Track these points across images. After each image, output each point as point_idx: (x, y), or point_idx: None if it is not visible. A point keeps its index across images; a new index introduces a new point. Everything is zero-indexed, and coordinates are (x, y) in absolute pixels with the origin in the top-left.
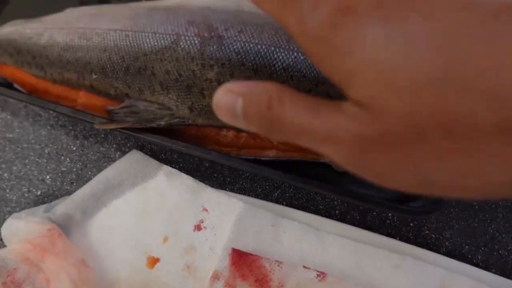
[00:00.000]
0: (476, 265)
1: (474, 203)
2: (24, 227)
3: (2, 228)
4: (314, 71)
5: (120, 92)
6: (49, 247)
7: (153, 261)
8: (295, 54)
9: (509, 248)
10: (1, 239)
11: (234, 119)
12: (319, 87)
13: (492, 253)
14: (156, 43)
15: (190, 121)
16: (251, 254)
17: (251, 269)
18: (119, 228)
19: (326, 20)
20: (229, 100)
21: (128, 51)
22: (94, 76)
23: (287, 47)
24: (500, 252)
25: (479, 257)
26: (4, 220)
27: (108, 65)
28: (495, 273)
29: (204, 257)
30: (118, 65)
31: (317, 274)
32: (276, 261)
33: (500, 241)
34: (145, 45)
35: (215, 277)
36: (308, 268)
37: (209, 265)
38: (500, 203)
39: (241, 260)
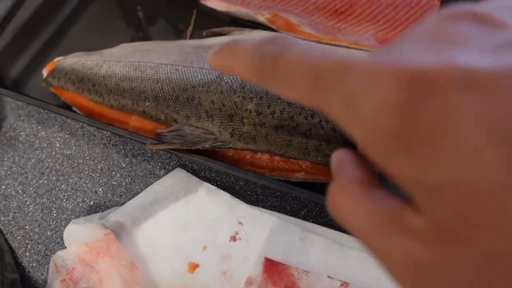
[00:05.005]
0: None
1: None
2: (84, 231)
3: (64, 232)
4: None
5: (169, 118)
6: (105, 250)
7: (193, 267)
8: None
9: None
10: (56, 242)
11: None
12: None
13: None
14: (203, 77)
15: (230, 145)
16: (281, 263)
17: (281, 276)
18: (164, 236)
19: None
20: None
21: (178, 83)
22: (147, 103)
23: None
24: None
25: None
26: (61, 225)
27: (160, 95)
28: None
29: (238, 265)
30: (169, 95)
31: (340, 284)
32: (304, 270)
33: None
34: (193, 78)
35: (249, 282)
36: (333, 278)
37: (243, 272)
38: None
39: (273, 268)
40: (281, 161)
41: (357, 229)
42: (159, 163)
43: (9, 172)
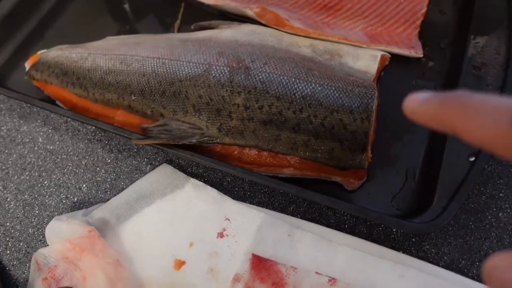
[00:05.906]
0: (472, 278)
1: (470, 223)
2: (67, 228)
3: (46, 229)
4: (330, 100)
5: (156, 112)
6: (89, 247)
7: (180, 264)
8: (313, 85)
9: None
10: (39, 239)
11: None
12: (334, 114)
13: None
14: (190, 71)
15: (218, 140)
16: (269, 260)
17: (269, 273)
18: (150, 233)
19: None
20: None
21: (165, 77)
22: (133, 98)
23: (306, 78)
24: None
25: (474, 271)
26: (43, 222)
27: (147, 88)
28: None
29: (226, 262)
30: (155, 89)
31: (328, 280)
32: (292, 267)
33: None
34: (180, 72)
35: (236, 279)
36: (320, 274)
37: (230, 269)
38: (494, 223)
39: (260, 264)
40: (269, 156)
41: None
42: (145, 159)
43: None
